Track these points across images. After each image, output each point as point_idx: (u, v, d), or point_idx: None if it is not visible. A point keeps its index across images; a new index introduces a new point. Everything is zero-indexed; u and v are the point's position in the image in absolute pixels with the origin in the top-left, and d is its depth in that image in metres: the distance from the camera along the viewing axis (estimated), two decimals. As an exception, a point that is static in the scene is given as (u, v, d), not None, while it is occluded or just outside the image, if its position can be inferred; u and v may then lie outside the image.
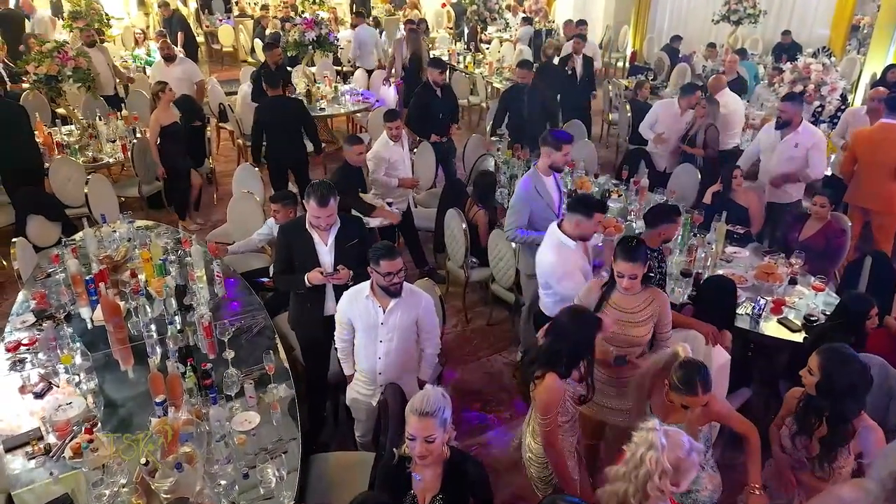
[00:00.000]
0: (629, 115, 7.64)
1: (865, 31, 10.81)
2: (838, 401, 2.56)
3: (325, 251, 3.56)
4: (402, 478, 2.42)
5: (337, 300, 3.42)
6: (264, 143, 6.43)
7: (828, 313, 3.89)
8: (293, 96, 7.39)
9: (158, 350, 3.46)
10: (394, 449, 2.50)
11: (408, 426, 2.32)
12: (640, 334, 3.12)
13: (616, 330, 3.07)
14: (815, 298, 4.12)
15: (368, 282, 3.20)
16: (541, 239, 4.11)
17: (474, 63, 10.78)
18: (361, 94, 8.84)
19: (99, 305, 3.70)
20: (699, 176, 5.85)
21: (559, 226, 3.66)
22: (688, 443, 2.17)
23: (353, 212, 4.77)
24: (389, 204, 5.25)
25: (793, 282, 4.27)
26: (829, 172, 6.32)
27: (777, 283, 4.19)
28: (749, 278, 4.32)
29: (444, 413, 2.32)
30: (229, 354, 3.31)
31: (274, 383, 3.26)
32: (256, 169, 6.22)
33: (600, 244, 4.36)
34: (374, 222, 4.99)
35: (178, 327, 3.54)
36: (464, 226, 4.96)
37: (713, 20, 10.83)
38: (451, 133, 6.71)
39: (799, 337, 3.82)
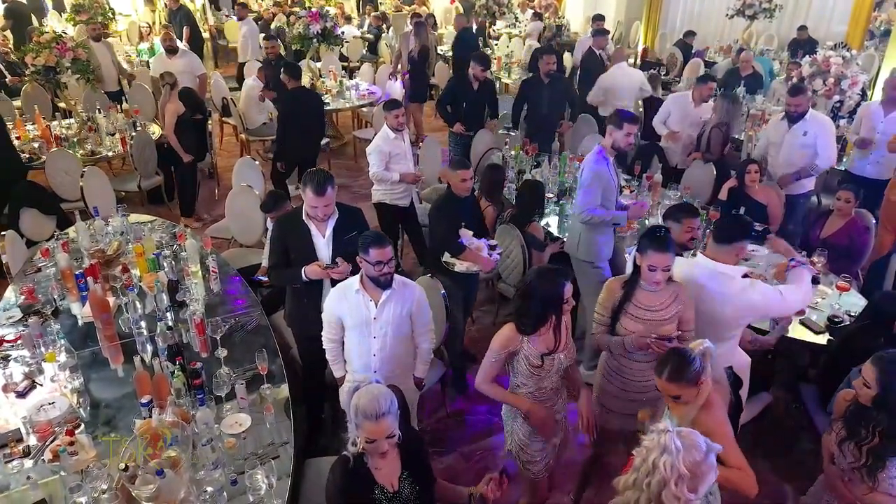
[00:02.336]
0: (640, 109, 7.45)
1: (883, 29, 10.57)
2: None
3: (323, 243, 3.39)
4: (364, 475, 2.38)
5: None
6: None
7: (853, 314, 3.70)
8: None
9: (149, 348, 3.32)
10: (344, 453, 2.39)
11: (364, 431, 2.27)
12: (668, 333, 2.92)
13: (643, 330, 2.89)
14: (838, 298, 3.92)
15: (356, 276, 3.05)
16: (618, 219, 3.94)
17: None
18: (367, 89, 8.71)
19: (87, 301, 3.55)
20: (714, 171, 5.65)
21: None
22: (704, 444, 1.97)
23: (446, 255, 4.08)
24: (493, 247, 4.18)
25: (815, 281, 4.05)
26: (842, 168, 6.12)
27: (798, 282, 3.98)
28: (769, 277, 4.12)
29: (395, 405, 2.29)
30: (222, 353, 3.18)
31: (267, 383, 3.10)
32: (257, 162, 6.07)
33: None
34: (459, 267, 4.04)
35: (169, 324, 3.37)
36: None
37: (728, 15, 10.63)
38: (489, 127, 6.58)
39: (822, 339, 3.63)
